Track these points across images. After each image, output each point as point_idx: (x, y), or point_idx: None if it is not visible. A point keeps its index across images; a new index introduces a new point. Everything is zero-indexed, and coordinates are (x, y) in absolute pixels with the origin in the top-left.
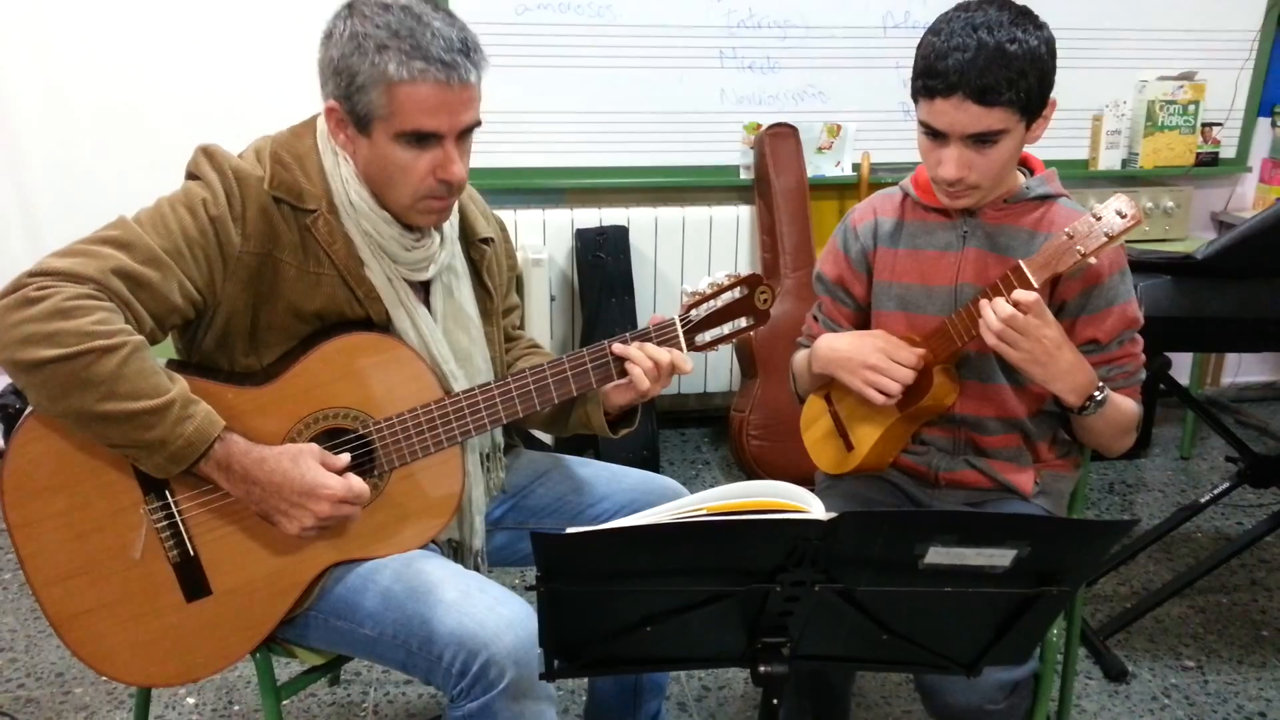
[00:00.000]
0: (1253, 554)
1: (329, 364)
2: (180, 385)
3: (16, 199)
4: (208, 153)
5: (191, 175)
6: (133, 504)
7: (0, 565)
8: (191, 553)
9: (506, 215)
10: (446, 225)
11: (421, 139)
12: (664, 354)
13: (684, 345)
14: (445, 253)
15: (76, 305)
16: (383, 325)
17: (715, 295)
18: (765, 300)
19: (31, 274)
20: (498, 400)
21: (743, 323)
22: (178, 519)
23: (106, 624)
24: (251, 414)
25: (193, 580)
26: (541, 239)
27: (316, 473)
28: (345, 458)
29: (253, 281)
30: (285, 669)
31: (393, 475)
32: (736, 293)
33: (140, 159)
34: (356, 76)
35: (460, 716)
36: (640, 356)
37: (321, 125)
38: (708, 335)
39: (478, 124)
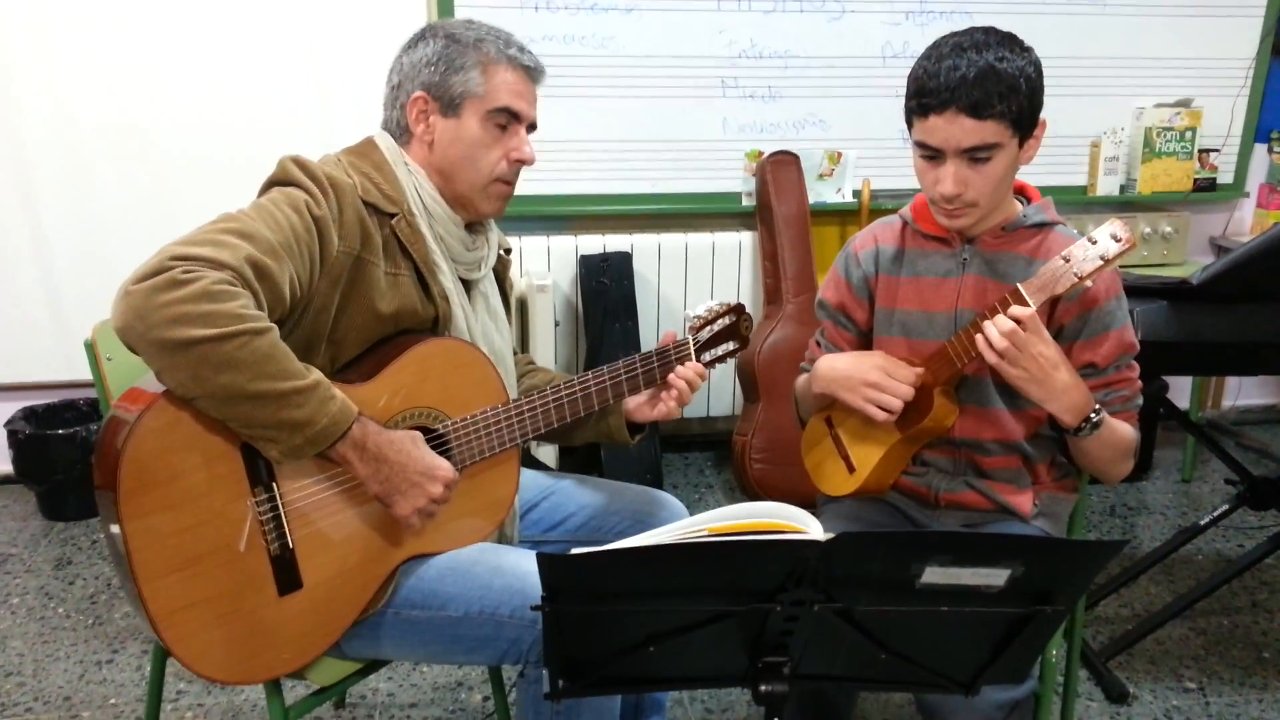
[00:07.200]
0: (1253, 576)
1: (418, 366)
2: (316, 370)
3: (22, 211)
4: (298, 162)
5: (280, 182)
6: (239, 496)
7: (9, 590)
8: (290, 545)
9: (511, 241)
10: (492, 233)
11: (505, 122)
12: (693, 373)
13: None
14: (492, 256)
15: (223, 289)
16: (444, 324)
17: (715, 319)
18: (747, 328)
19: (174, 258)
20: (551, 405)
21: (731, 345)
22: (281, 511)
23: (204, 619)
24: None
25: (287, 574)
26: (546, 265)
27: (434, 455)
28: None
29: (341, 281)
30: (290, 691)
31: (462, 473)
32: (728, 319)
33: (143, 172)
34: (455, 60)
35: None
36: (684, 387)
37: (383, 143)
38: (706, 355)
39: (535, 126)
